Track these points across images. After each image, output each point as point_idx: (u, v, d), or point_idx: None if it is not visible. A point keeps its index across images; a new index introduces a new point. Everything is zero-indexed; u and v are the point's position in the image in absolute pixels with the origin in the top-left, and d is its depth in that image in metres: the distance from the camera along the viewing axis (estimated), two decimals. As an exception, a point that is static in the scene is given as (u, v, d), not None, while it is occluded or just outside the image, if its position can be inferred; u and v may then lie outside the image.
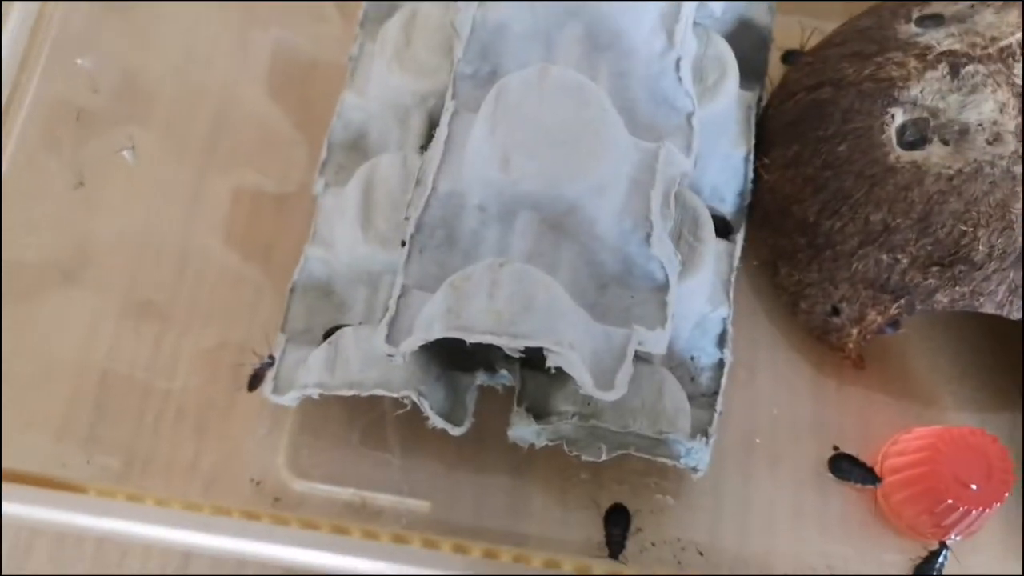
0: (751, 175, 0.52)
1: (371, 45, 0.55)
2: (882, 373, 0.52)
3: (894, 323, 0.48)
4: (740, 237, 0.52)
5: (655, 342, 0.41)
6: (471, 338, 0.37)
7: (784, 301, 0.52)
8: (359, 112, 0.54)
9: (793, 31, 0.57)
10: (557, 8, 0.43)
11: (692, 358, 0.49)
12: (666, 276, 0.43)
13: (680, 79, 0.45)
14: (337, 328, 0.48)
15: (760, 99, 0.54)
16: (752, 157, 0.52)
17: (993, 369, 0.52)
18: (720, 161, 0.52)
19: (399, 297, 0.40)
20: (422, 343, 0.38)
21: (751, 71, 0.55)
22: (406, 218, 0.44)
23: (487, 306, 0.37)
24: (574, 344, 0.37)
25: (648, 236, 0.42)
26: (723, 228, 0.53)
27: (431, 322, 0.38)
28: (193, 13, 0.60)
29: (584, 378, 0.37)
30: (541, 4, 0.44)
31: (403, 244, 0.44)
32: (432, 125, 0.50)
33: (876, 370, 0.52)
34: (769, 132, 0.52)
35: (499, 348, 0.40)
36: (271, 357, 0.48)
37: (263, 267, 0.54)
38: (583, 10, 0.43)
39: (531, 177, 0.40)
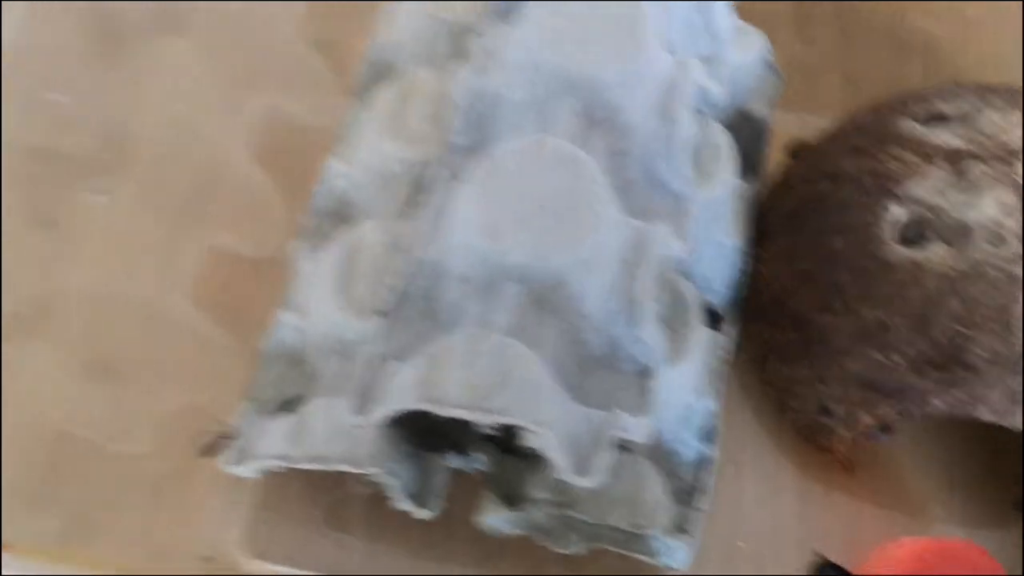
0: (743, 266, 0.51)
1: (362, 113, 0.54)
2: (871, 479, 0.50)
3: (885, 428, 0.46)
4: (730, 330, 0.50)
5: (637, 430, 0.39)
6: (444, 411, 0.35)
7: (772, 398, 0.51)
8: (344, 180, 0.52)
9: (792, 127, 0.56)
10: (555, 81, 0.42)
11: (675, 451, 0.47)
12: (651, 362, 0.41)
13: (677, 162, 0.44)
14: (299, 397, 0.46)
15: (757, 193, 0.53)
16: (745, 248, 0.50)
17: (984, 481, 0.50)
18: (713, 249, 0.50)
19: (371, 366, 0.38)
20: (393, 414, 0.36)
21: (748, 163, 0.54)
22: (387, 287, 0.43)
23: (463, 378, 0.35)
24: (552, 424, 0.35)
25: (635, 318, 0.40)
26: (712, 319, 0.51)
27: (403, 392, 0.36)
28: (188, 67, 0.59)
29: (560, 461, 0.35)
30: (539, 75, 0.43)
31: (382, 313, 0.42)
32: (419, 194, 0.49)
33: (865, 476, 0.50)
34: (766, 224, 0.51)
35: (473, 428, 0.38)
36: (231, 426, 0.46)
37: (233, 332, 0.53)
38: (581, 84, 0.42)
39: (520, 247, 0.38)
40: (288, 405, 0.46)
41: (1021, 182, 0.43)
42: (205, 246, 0.55)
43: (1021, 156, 0.43)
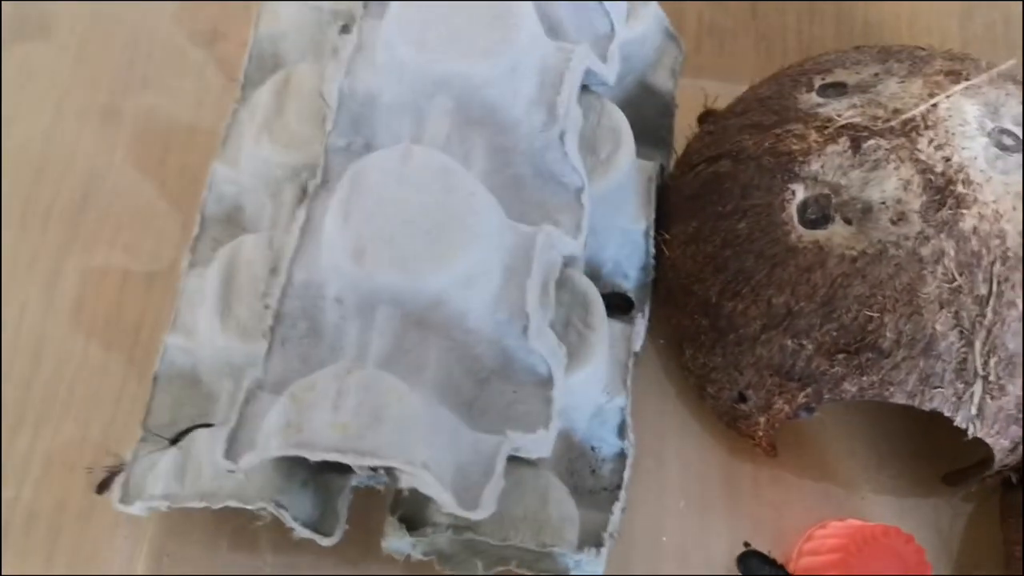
0: (652, 250, 0.49)
1: (246, 111, 0.51)
2: (798, 460, 0.49)
3: (808, 408, 0.45)
4: (644, 316, 0.49)
5: (536, 445, 0.37)
6: (314, 456, 0.33)
7: (692, 384, 0.49)
8: (232, 185, 0.50)
9: (698, 97, 0.54)
10: (424, 80, 0.40)
11: (593, 448, 0.46)
12: (549, 370, 0.39)
13: (566, 154, 0.42)
14: (194, 428, 0.43)
15: (663, 168, 0.51)
16: (651, 231, 0.48)
17: (912, 455, 0.49)
18: (619, 236, 0.49)
19: (243, 403, 0.36)
20: (259, 460, 0.34)
21: (654, 138, 0.52)
22: (265, 307, 0.40)
23: (331, 419, 0.33)
24: (429, 462, 0.33)
25: (525, 328, 0.38)
26: (626, 305, 0.49)
27: (268, 438, 0.33)
28: (56, 73, 0.56)
29: (443, 498, 0.33)
30: (407, 75, 0.40)
31: (264, 336, 0.40)
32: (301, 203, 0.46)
33: (792, 456, 0.49)
34: (670, 205, 0.49)
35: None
36: (122, 460, 0.44)
37: (128, 355, 0.50)
38: (451, 82, 0.39)
39: (387, 269, 0.36)
40: (176, 438, 0.44)
41: (922, 158, 0.40)
42: (92, 266, 0.52)
43: (922, 130, 0.41)
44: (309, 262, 0.38)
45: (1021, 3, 0.42)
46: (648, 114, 0.52)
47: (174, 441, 0.43)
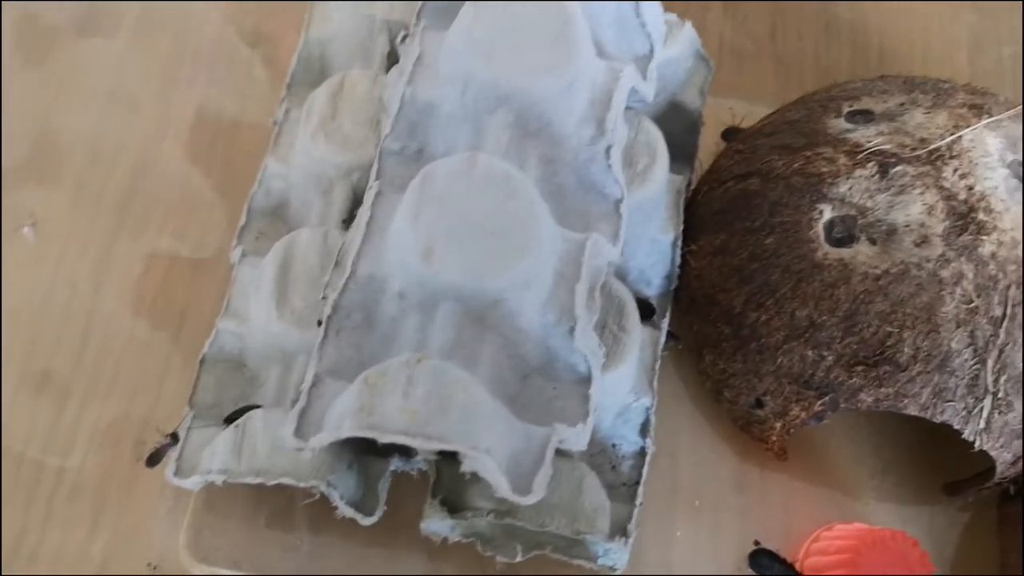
0: (678, 259, 0.51)
1: (297, 111, 0.53)
2: (806, 464, 0.51)
3: (818, 416, 0.47)
4: (665, 322, 0.51)
5: (576, 439, 0.40)
6: (384, 438, 0.35)
7: (708, 388, 0.51)
8: (281, 180, 0.52)
9: (724, 115, 0.56)
10: (488, 93, 0.42)
11: (614, 445, 0.48)
12: (589, 369, 0.42)
13: (610, 166, 0.44)
14: (245, 409, 0.46)
15: (689, 183, 0.54)
16: (679, 242, 0.51)
17: (916, 463, 0.51)
18: (648, 245, 0.51)
19: (310, 387, 0.39)
20: (332, 440, 0.36)
21: (681, 154, 0.55)
22: (323, 298, 0.43)
23: (401, 405, 0.35)
24: (491, 449, 0.35)
25: (572, 329, 0.40)
26: (648, 311, 0.52)
27: (342, 419, 0.36)
28: (114, 68, 0.58)
29: (500, 483, 0.36)
30: (472, 87, 0.42)
31: (319, 324, 0.42)
32: (356, 199, 0.49)
33: (800, 461, 0.51)
34: (698, 218, 0.51)
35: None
36: (174, 435, 0.46)
37: (174, 336, 0.52)
38: (514, 96, 0.42)
39: (454, 269, 0.38)
40: (231, 416, 0.46)
41: (946, 185, 0.43)
42: (141, 249, 0.54)
43: (946, 159, 0.44)
44: (373, 257, 0.40)
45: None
46: (676, 130, 0.54)
47: (229, 420, 0.45)
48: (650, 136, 0.49)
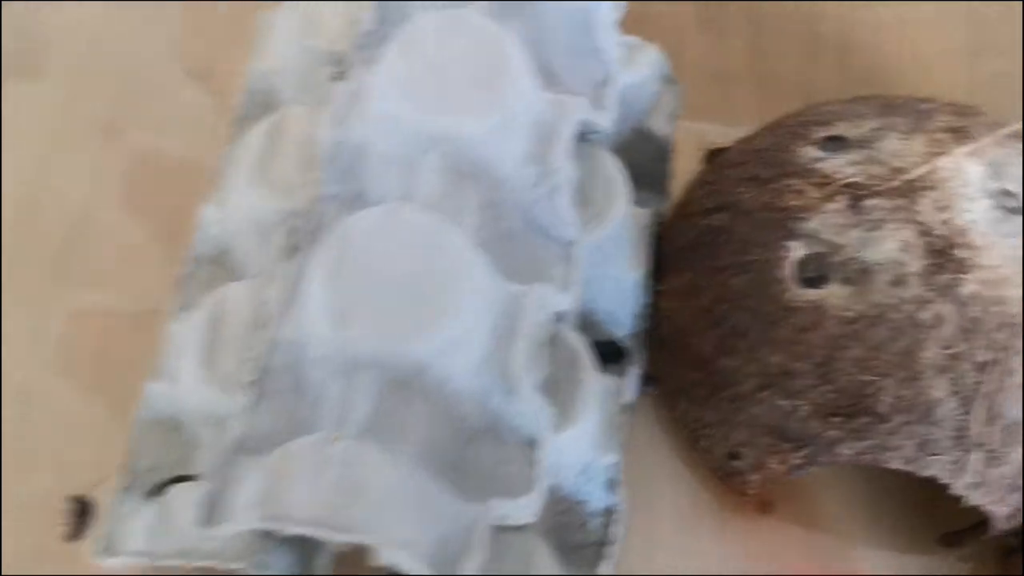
0: (646, 298, 0.48)
1: (237, 152, 0.50)
2: (794, 514, 0.48)
3: (798, 468, 0.44)
4: (635, 367, 0.48)
5: (520, 512, 0.37)
6: (289, 529, 0.32)
7: (685, 436, 0.48)
8: (219, 227, 0.49)
9: (694, 140, 0.53)
10: (417, 135, 0.39)
11: (580, 503, 0.45)
12: (536, 432, 0.38)
13: (558, 207, 0.41)
14: (176, 479, 0.42)
15: (660, 215, 0.51)
16: (646, 280, 0.48)
17: (910, 512, 0.48)
18: (613, 285, 0.48)
19: (221, 466, 0.35)
20: (235, 532, 0.33)
21: (651, 184, 0.51)
22: (249, 360, 0.40)
23: (309, 492, 0.32)
24: (408, 540, 0.32)
25: (512, 389, 0.37)
26: (618, 354, 0.49)
27: (246, 509, 0.33)
28: (45, 111, 0.55)
29: (420, 573, 0.32)
30: (401, 129, 0.39)
31: (248, 389, 0.39)
32: (292, 250, 0.45)
33: (788, 511, 0.48)
34: (665, 256, 0.48)
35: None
36: (80, 500, 0.43)
37: (111, 400, 0.49)
38: (442, 139, 0.39)
39: (371, 336, 0.35)
40: (158, 487, 0.43)
41: (921, 219, 0.40)
42: (72, 307, 0.51)
43: (922, 192, 0.40)
44: (293, 321, 0.37)
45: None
46: (644, 159, 0.51)
47: (153, 493, 0.42)
48: (608, 171, 0.46)
